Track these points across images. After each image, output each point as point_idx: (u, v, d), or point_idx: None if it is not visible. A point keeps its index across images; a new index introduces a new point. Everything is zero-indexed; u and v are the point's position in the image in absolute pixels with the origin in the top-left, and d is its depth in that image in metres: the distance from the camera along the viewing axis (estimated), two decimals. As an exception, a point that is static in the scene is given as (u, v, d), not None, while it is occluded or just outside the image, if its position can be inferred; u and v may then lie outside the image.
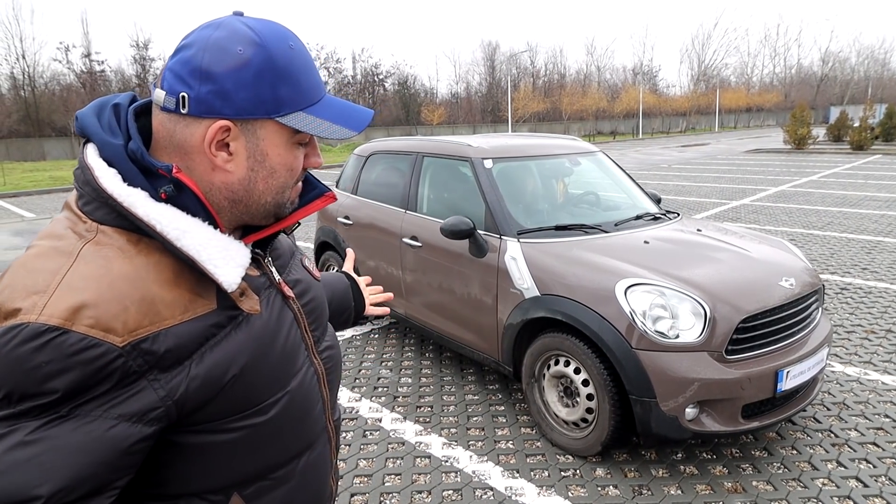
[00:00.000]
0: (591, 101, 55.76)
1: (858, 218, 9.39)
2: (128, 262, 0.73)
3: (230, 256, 0.79)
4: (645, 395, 2.66)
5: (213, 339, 0.77)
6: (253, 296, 0.83)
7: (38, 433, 0.66)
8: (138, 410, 0.71)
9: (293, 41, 0.81)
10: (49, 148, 37.34)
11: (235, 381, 0.78)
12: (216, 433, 0.79)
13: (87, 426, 0.68)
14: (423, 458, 3.04)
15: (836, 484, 2.76)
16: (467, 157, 3.84)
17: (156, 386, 0.72)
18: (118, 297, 0.70)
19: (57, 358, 0.66)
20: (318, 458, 0.96)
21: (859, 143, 23.36)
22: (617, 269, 2.93)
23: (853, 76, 75.13)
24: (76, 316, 0.67)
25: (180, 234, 0.75)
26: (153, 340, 0.71)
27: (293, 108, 0.79)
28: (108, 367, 0.68)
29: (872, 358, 4.14)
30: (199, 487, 0.82)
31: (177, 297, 0.75)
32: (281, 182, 0.84)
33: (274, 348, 0.85)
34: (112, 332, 0.68)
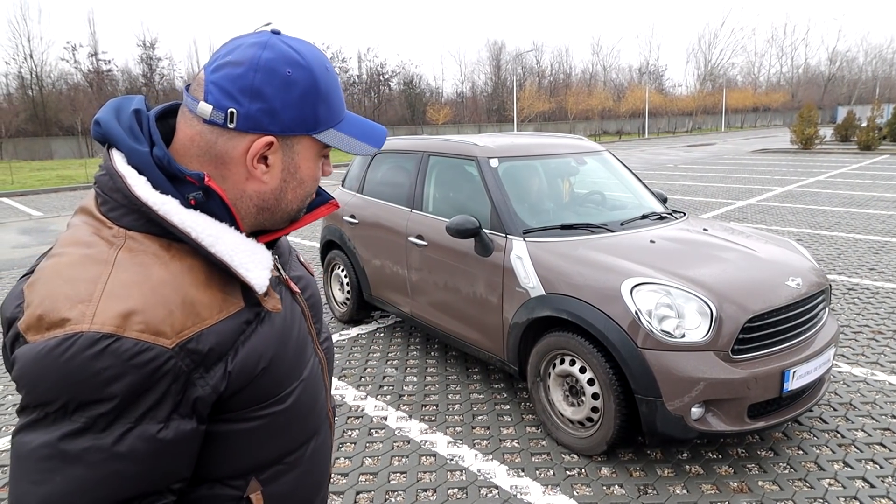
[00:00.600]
0: (596, 100, 55.68)
1: (866, 218, 9.35)
2: (164, 267, 0.77)
3: (258, 260, 0.84)
4: (650, 394, 2.66)
5: (244, 334, 0.82)
6: (275, 295, 0.89)
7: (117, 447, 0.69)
8: (191, 406, 0.75)
9: (328, 64, 0.87)
10: (56, 147, 37.54)
11: (264, 372, 0.84)
12: (241, 422, 0.84)
13: (158, 434, 0.72)
14: (428, 456, 3.05)
15: (842, 484, 2.75)
16: (473, 156, 3.84)
17: (202, 383, 0.76)
18: (162, 301, 0.73)
19: (115, 364, 0.68)
20: (323, 444, 1.02)
21: (867, 144, 23.24)
22: (623, 268, 2.93)
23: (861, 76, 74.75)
24: (126, 322, 0.70)
25: (214, 241, 0.79)
26: (197, 340, 0.75)
27: (327, 125, 0.86)
28: (161, 370, 0.71)
29: (879, 359, 4.12)
30: (222, 473, 0.85)
31: (211, 298, 0.79)
32: (307, 191, 0.91)
33: (290, 341, 0.90)
34: (162, 335, 0.72)
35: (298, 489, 0.96)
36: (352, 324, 5.04)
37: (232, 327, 0.80)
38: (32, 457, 0.69)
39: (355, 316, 4.94)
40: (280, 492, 0.92)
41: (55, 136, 38.81)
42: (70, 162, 31.45)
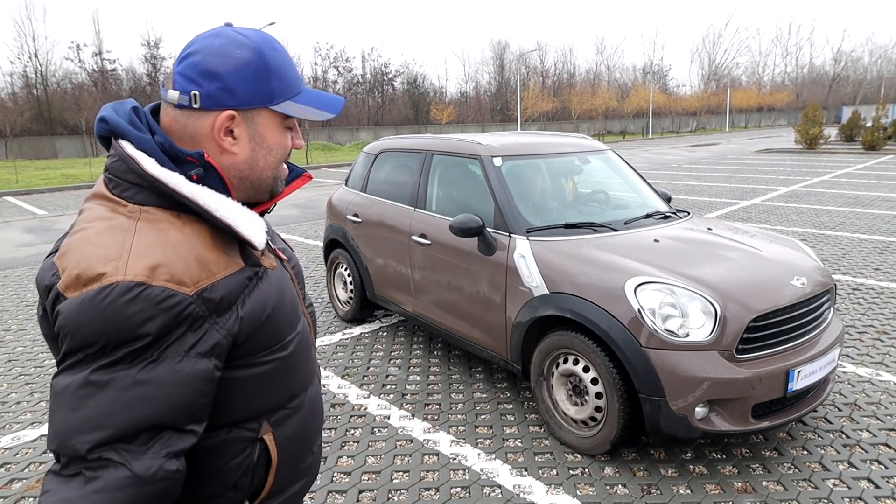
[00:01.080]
0: (600, 100, 55.57)
1: (871, 218, 9.31)
2: (178, 231, 0.90)
3: (255, 223, 0.98)
4: (654, 393, 2.65)
5: (248, 287, 0.95)
6: (270, 255, 1.05)
7: (143, 375, 0.81)
8: (209, 347, 0.88)
9: (276, 44, 0.99)
10: (61, 146, 37.64)
11: (268, 319, 0.97)
12: (253, 367, 0.98)
13: (177, 365, 0.84)
14: (431, 455, 3.05)
15: (847, 485, 2.73)
16: (477, 154, 3.84)
17: (217, 327, 0.89)
18: (181, 257, 0.87)
19: (147, 307, 0.81)
20: (316, 393, 1.17)
21: (871, 144, 23.14)
22: (627, 267, 2.92)
23: (866, 76, 74.49)
24: (154, 273, 0.83)
25: (217, 206, 0.93)
26: (211, 290, 0.88)
27: (282, 97, 0.98)
28: (184, 313, 0.84)
29: (884, 359, 4.10)
30: (239, 417, 0.99)
31: (218, 257, 0.92)
32: (277, 158, 1.03)
33: (286, 297, 1.04)
34: (183, 284, 0.85)
35: (301, 431, 1.10)
36: (355, 323, 5.04)
37: (237, 282, 0.93)
38: (70, 389, 0.80)
39: (358, 315, 4.94)
40: (287, 433, 1.06)
41: (59, 136, 38.92)
42: (74, 161, 31.53)
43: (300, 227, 10.02)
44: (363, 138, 43.72)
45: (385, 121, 54.35)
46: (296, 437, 1.09)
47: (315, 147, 33.69)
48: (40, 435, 3.33)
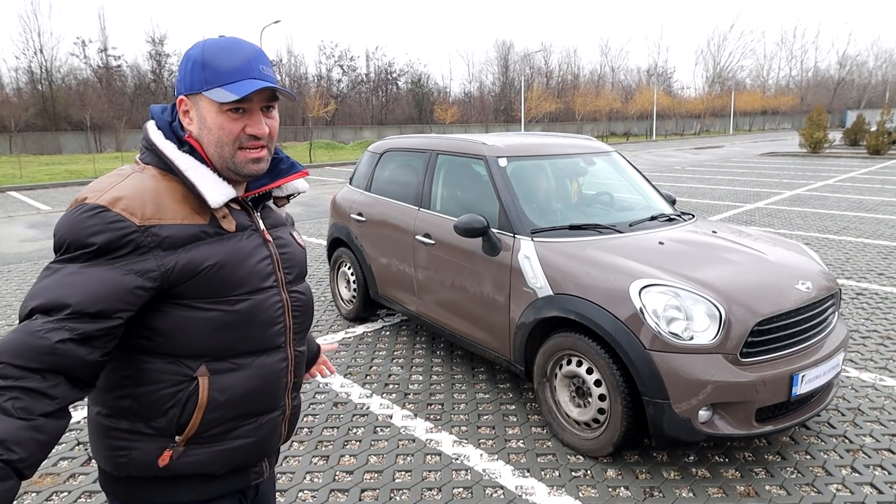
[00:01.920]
0: (604, 101, 55.45)
1: (874, 223, 9.29)
2: (154, 181, 1.16)
3: (218, 188, 1.17)
4: (658, 396, 2.64)
5: (200, 240, 1.15)
6: (232, 221, 1.20)
7: (80, 269, 1.05)
8: (143, 269, 1.08)
9: (225, 43, 1.19)
10: (65, 142, 37.71)
11: (208, 270, 1.13)
12: (194, 309, 1.14)
13: (109, 271, 1.06)
14: (433, 455, 3.04)
15: (850, 490, 2.73)
16: (482, 155, 3.84)
17: (157, 259, 1.09)
18: (143, 198, 1.11)
19: (100, 223, 1.06)
20: (273, 366, 1.25)
21: (876, 148, 23.08)
22: (631, 269, 2.91)
23: (871, 80, 74.28)
24: (116, 202, 1.08)
25: (187, 168, 1.17)
26: (159, 228, 1.10)
27: (213, 85, 1.16)
28: (128, 236, 1.07)
29: (888, 364, 4.09)
30: (179, 352, 1.15)
31: (180, 209, 1.14)
32: (216, 137, 1.19)
33: (244, 264, 1.19)
34: (134, 216, 1.08)
35: (242, 391, 1.20)
36: (358, 322, 5.04)
37: (190, 231, 1.13)
38: (43, 270, 1.08)
39: (361, 314, 4.94)
40: (224, 384, 1.18)
41: (64, 131, 38.99)
42: (78, 157, 31.59)
43: (303, 225, 10.03)
44: (366, 137, 43.74)
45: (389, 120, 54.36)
46: (234, 392, 1.19)
47: (318, 146, 33.70)
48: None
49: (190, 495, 1.21)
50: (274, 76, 1.23)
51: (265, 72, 1.20)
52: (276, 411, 1.28)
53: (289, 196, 1.39)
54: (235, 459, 1.23)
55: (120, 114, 39.34)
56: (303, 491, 2.76)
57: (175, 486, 1.20)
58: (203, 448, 1.19)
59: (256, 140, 1.20)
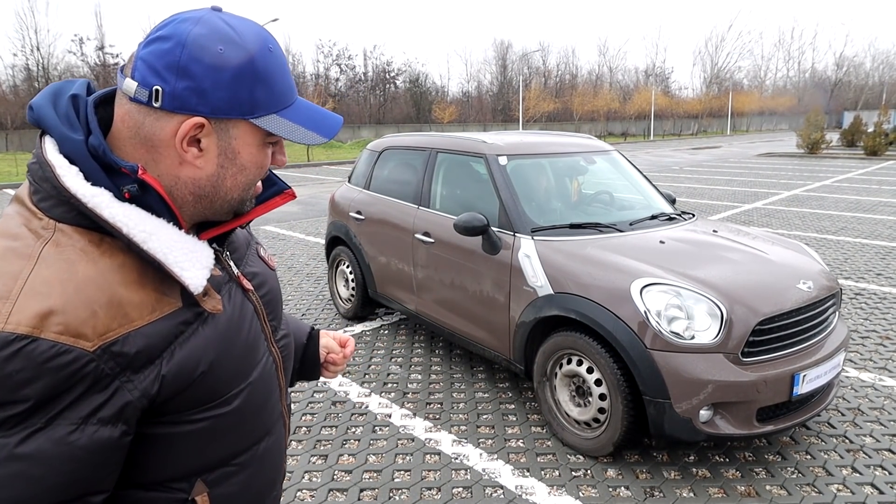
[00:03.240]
0: (602, 101, 55.52)
1: (872, 223, 9.30)
2: (92, 264, 0.72)
3: (195, 258, 0.80)
4: (659, 395, 2.63)
5: (181, 336, 0.78)
6: (216, 295, 0.84)
7: (22, 448, 0.65)
8: (115, 411, 0.71)
9: (272, 44, 0.81)
10: (62, 139, 37.54)
11: (204, 376, 0.80)
12: (181, 424, 0.81)
13: (69, 436, 0.68)
14: (432, 454, 3.03)
15: (850, 490, 2.72)
16: (482, 153, 3.82)
17: (129, 387, 0.72)
18: (85, 301, 0.69)
19: (28, 367, 0.65)
20: (274, 443, 0.99)
21: (873, 149, 23.14)
22: (632, 268, 2.90)
23: (868, 81, 74.45)
24: (44, 323, 0.66)
25: (147, 237, 0.75)
26: (123, 342, 0.71)
27: (268, 110, 0.80)
28: (80, 372, 0.68)
29: (887, 364, 4.09)
30: (163, 477, 0.83)
31: (143, 297, 0.75)
32: (250, 179, 0.85)
33: (237, 342, 0.87)
34: (82, 337, 0.68)
35: (248, 489, 0.94)
36: (356, 320, 5.02)
37: (166, 328, 0.76)
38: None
39: (360, 313, 4.92)
40: (229, 493, 0.90)
41: (61, 129, 38.84)
42: (75, 155, 31.47)
43: (301, 223, 10.00)
44: (365, 136, 43.68)
45: (387, 119, 54.31)
46: (239, 496, 0.93)
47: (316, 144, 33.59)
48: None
49: None
50: None
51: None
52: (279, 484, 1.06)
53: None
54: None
55: (117, 112, 39.21)
56: (301, 490, 2.74)
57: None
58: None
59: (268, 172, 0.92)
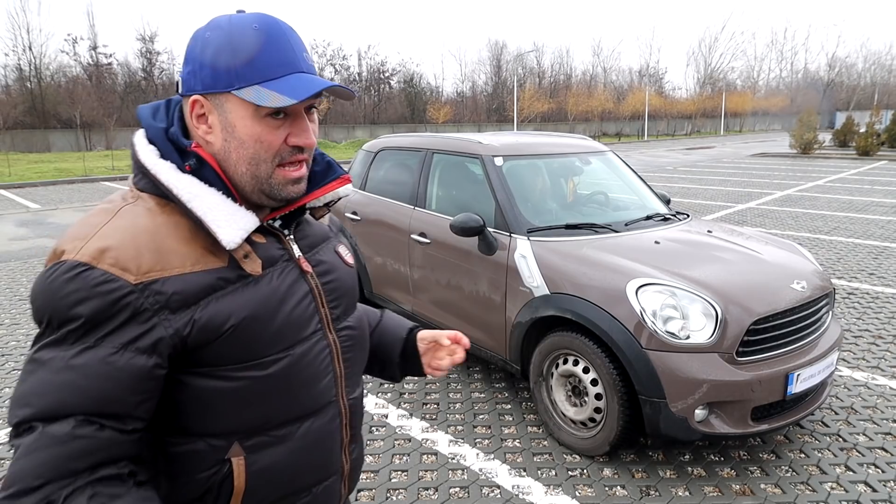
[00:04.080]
0: (596, 102, 55.68)
1: (865, 223, 9.36)
2: (151, 219, 0.87)
3: (234, 220, 0.89)
4: (654, 395, 2.65)
5: (220, 290, 0.88)
6: (256, 259, 0.93)
7: (71, 360, 0.79)
8: (150, 343, 0.83)
9: (260, 24, 0.88)
10: (54, 139, 37.39)
11: (234, 330, 0.88)
12: (220, 379, 0.89)
13: (110, 357, 0.80)
14: (429, 454, 3.04)
15: (844, 488, 2.74)
16: (477, 154, 3.83)
17: (165, 324, 0.83)
18: (136, 245, 0.84)
19: (82, 288, 0.80)
20: (322, 429, 1.01)
21: (865, 149, 23.29)
22: (628, 268, 2.92)
23: (860, 82, 74.89)
24: (101, 256, 0.81)
25: (192, 198, 0.88)
26: (162, 284, 0.83)
27: (249, 82, 0.87)
28: (122, 301, 0.81)
29: (880, 363, 4.12)
30: (202, 430, 0.91)
31: (189, 251, 0.87)
32: (251, 153, 0.91)
33: (278, 312, 0.93)
34: (128, 271, 0.82)
35: (287, 469, 0.97)
36: (352, 321, 5.01)
37: (205, 280, 0.87)
38: (25, 363, 0.82)
39: (356, 313, 4.91)
40: (265, 465, 0.95)
41: (53, 129, 38.65)
42: (68, 155, 31.33)
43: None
44: (359, 136, 43.65)
45: (381, 119, 54.27)
46: (277, 471, 0.96)
47: (311, 144, 33.51)
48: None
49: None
50: (315, 65, 0.95)
51: (309, 62, 0.93)
52: (333, 476, 1.06)
53: (328, 203, 1.09)
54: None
55: (110, 112, 39.04)
56: (298, 491, 2.74)
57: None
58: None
59: (300, 153, 0.94)
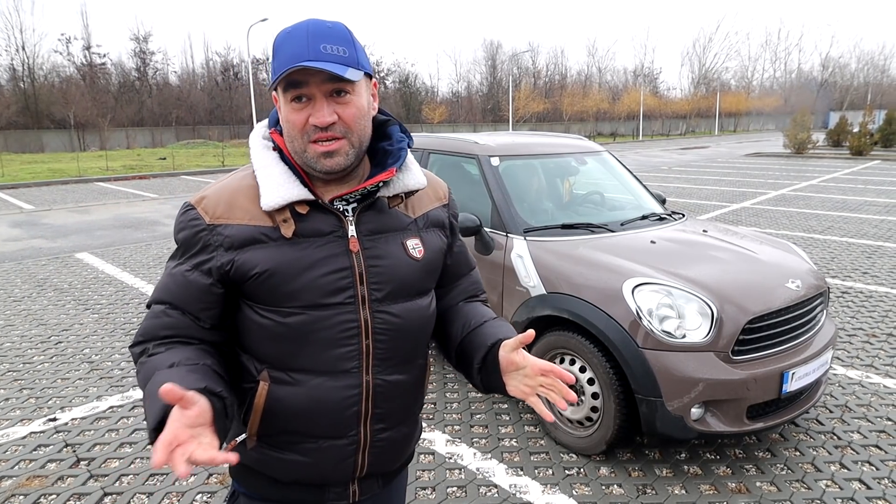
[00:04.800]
0: (591, 102, 55.77)
1: (858, 222, 9.41)
2: (238, 181, 1.13)
3: (279, 191, 1.08)
4: (651, 394, 2.66)
5: (259, 243, 1.08)
6: (291, 226, 1.09)
7: (174, 268, 1.12)
8: (209, 268, 1.09)
9: (293, 29, 1.06)
10: (48, 140, 37.23)
11: (258, 277, 1.07)
12: (255, 313, 1.11)
13: (187, 272, 1.10)
14: (426, 454, 3.04)
15: (839, 486, 2.76)
16: (474, 154, 3.84)
17: (218, 257, 1.08)
18: (219, 197, 1.11)
19: (184, 221, 1.11)
20: (334, 391, 1.12)
21: (859, 149, 23.42)
22: (624, 268, 2.93)
23: (853, 82, 75.26)
24: (200, 202, 1.11)
25: (258, 168, 1.12)
26: (224, 228, 1.08)
27: (279, 72, 1.04)
28: (199, 234, 1.09)
29: (874, 361, 4.15)
30: (247, 349, 1.15)
31: (251, 209, 1.09)
32: (287, 131, 1.10)
33: (304, 275, 1.08)
34: (208, 214, 1.09)
35: (297, 410, 1.12)
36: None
37: (252, 233, 1.08)
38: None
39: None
40: (280, 396, 1.12)
41: (47, 129, 38.49)
42: (61, 155, 31.18)
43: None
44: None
45: (376, 119, 54.18)
46: (287, 407, 1.12)
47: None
48: (30, 432, 3.29)
49: (258, 489, 1.21)
50: (343, 54, 1.04)
51: (328, 51, 1.02)
52: (342, 440, 1.16)
53: (401, 195, 1.18)
54: (295, 473, 1.17)
55: (104, 112, 38.90)
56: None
57: (249, 475, 1.21)
58: (267, 450, 1.16)
59: (323, 131, 1.05)
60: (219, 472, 2.90)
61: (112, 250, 8.10)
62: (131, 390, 3.82)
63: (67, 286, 6.29)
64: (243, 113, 46.40)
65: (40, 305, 5.63)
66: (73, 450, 3.11)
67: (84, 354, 4.42)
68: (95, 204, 13.04)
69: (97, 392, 3.79)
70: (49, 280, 6.55)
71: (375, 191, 1.14)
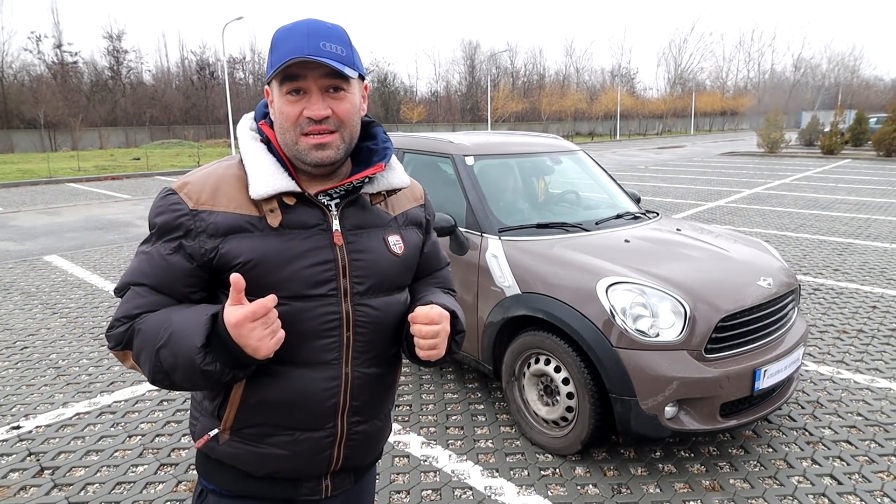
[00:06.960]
0: (569, 101, 56.11)
1: (829, 220, 9.58)
2: (224, 169, 1.15)
3: (269, 181, 1.10)
4: (625, 393, 2.66)
5: (244, 232, 1.09)
6: (277, 216, 1.10)
7: (149, 249, 1.12)
8: (189, 252, 1.09)
9: (293, 26, 1.10)
10: (17, 140, 36.39)
11: (242, 266, 1.08)
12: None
13: (167, 253, 1.09)
14: (401, 457, 3.01)
15: (811, 482, 2.79)
16: (448, 153, 3.81)
17: (201, 243, 1.08)
18: (204, 183, 1.11)
19: (164, 205, 1.10)
20: (313, 382, 1.13)
21: (830, 148, 23.89)
22: (598, 267, 2.92)
23: (824, 82, 76.75)
24: (182, 187, 1.11)
25: (247, 157, 1.14)
26: (208, 214, 1.09)
27: (275, 66, 1.08)
28: (180, 219, 1.08)
29: (845, 357, 4.21)
30: None
31: (237, 197, 1.11)
32: (279, 123, 1.12)
33: (288, 266, 1.10)
34: (190, 200, 1.09)
35: (275, 400, 1.13)
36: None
37: (237, 221, 1.09)
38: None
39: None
40: (256, 387, 1.12)
41: (16, 129, 37.61)
42: (32, 156, 30.48)
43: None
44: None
45: (355, 119, 53.93)
46: (265, 398, 1.13)
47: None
48: (2, 439, 3.19)
49: (229, 485, 1.19)
50: (341, 53, 1.08)
51: (326, 48, 1.06)
52: (320, 432, 1.17)
53: (382, 193, 1.22)
54: (269, 466, 1.17)
55: (76, 111, 38.13)
56: (268, 497, 2.69)
57: (220, 471, 1.19)
58: (240, 444, 1.16)
59: (317, 124, 1.09)
60: (189, 479, 2.83)
61: (82, 252, 7.92)
62: (99, 396, 3.72)
63: (35, 290, 6.13)
64: (219, 112, 45.78)
65: (6, 310, 5.48)
66: (37, 458, 3.01)
67: (51, 360, 4.30)
68: (66, 205, 12.75)
69: (63, 398, 3.69)
70: (16, 283, 6.38)
71: (359, 187, 1.18)
